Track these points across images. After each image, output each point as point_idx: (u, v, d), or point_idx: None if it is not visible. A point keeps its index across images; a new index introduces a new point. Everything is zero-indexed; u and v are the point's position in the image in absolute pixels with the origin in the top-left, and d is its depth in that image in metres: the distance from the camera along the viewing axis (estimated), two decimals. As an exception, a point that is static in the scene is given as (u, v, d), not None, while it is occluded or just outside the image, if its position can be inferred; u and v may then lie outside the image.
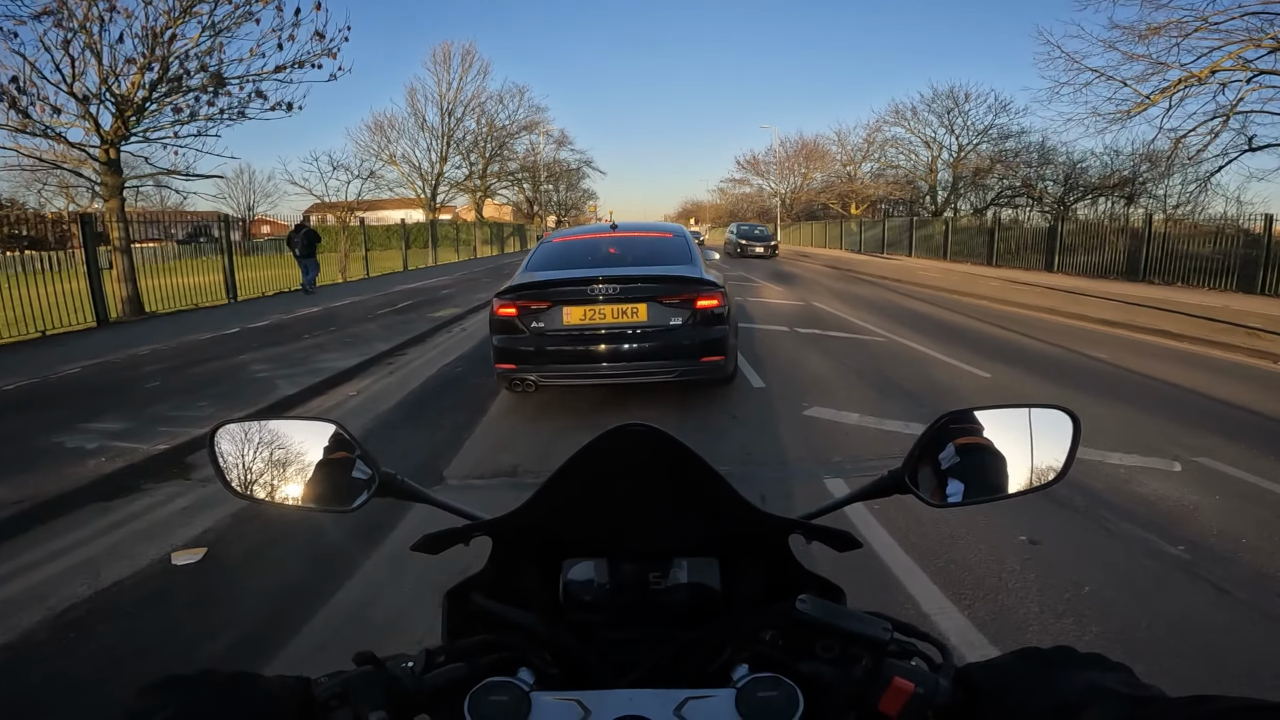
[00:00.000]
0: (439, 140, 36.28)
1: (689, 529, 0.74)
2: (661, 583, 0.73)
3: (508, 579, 0.75)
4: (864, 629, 0.57)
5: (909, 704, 0.53)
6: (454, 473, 4.01)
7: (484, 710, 0.55)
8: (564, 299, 4.75)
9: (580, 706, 0.57)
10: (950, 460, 0.71)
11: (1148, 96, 17.27)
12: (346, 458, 0.74)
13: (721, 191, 61.84)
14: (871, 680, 0.55)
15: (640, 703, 0.57)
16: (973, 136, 32.71)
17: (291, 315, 10.88)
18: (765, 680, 0.56)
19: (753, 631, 0.64)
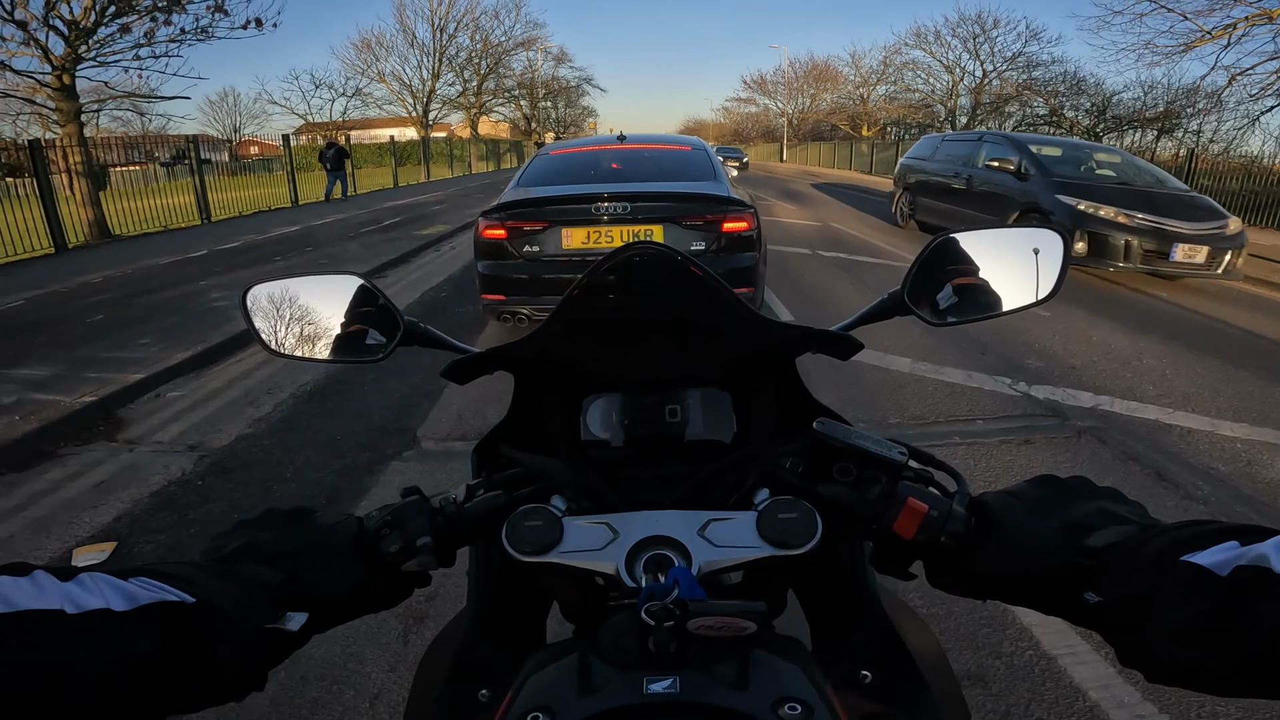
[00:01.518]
0: (431, 57, 34.28)
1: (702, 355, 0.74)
2: (678, 414, 0.74)
3: (530, 425, 0.76)
4: (881, 450, 0.56)
5: (923, 525, 0.53)
6: (430, 432, 3.33)
7: (520, 534, 0.57)
8: (563, 219, 3.93)
9: (609, 529, 0.58)
10: (946, 280, 0.72)
11: (1209, 32, 16.53)
12: (370, 310, 0.75)
13: (726, 111, 59.92)
14: (887, 502, 0.55)
15: (665, 523, 0.58)
16: (999, 63, 31.81)
17: (265, 236, 10.00)
18: (785, 502, 0.57)
19: (773, 458, 0.63)
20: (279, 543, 0.52)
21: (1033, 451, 3.04)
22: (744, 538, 0.56)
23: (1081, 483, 0.54)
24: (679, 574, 0.51)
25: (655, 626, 0.46)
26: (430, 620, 2.00)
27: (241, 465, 3.08)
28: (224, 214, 12.76)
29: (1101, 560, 0.45)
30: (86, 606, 0.37)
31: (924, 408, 3.50)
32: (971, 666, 1.81)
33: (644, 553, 0.57)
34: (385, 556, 0.56)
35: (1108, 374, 4.06)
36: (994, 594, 0.53)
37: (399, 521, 0.57)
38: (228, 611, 0.44)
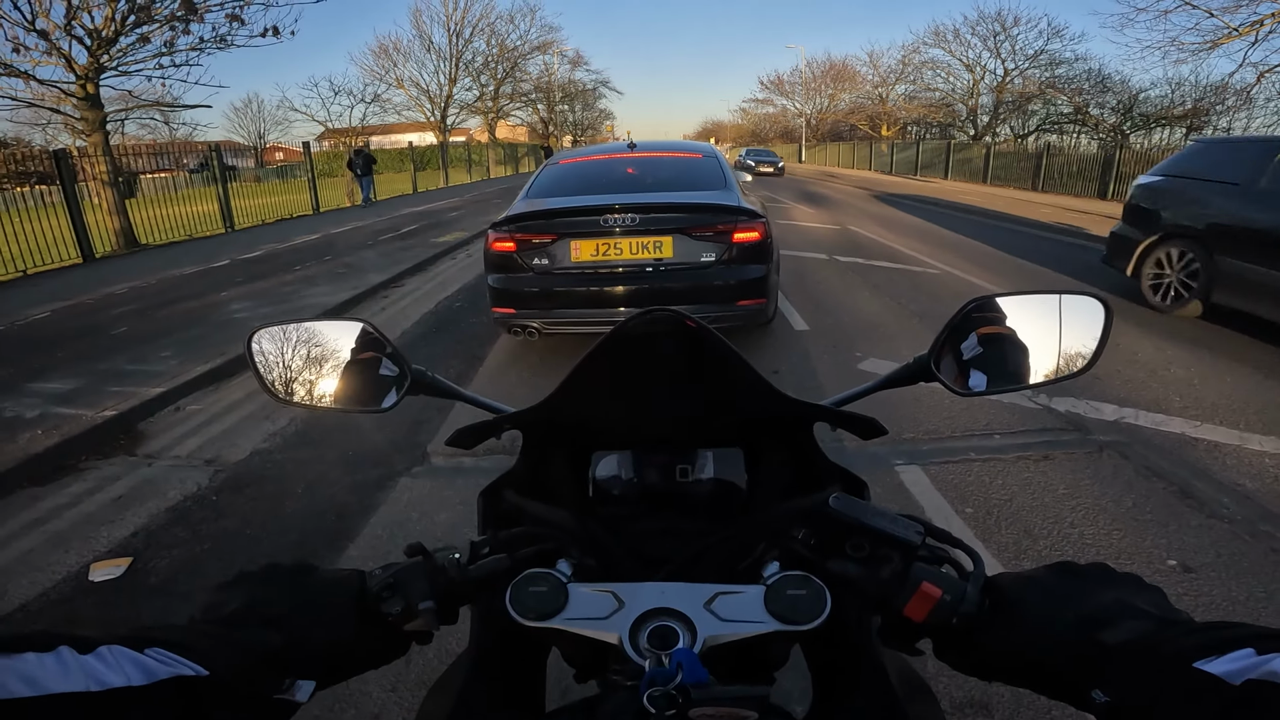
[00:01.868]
0: (447, 62, 34.60)
1: (714, 419, 0.72)
2: (689, 474, 0.74)
3: (538, 476, 0.75)
4: (896, 531, 0.55)
5: (934, 610, 0.52)
6: (440, 448, 3.33)
7: (524, 600, 0.57)
8: (572, 231, 3.91)
9: (615, 598, 0.57)
10: (974, 349, 0.69)
11: (1235, 29, 16.21)
12: (376, 357, 0.74)
13: (744, 111, 59.74)
14: (899, 583, 0.54)
15: (672, 595, 0.57)
16: (1020, 61, 31.47)
17: (286, 244, 10.14)
18: (795, 578, 0.56)
19: (783, 528, 0.62)
20: (281, 602, 0.53)
21: (1051, 468, 2.97)
22: (751, 612, 0.56)
23: (1101, 570, 0.53)
24: (682, 656, 0.51)
25: (655, 715, 0.45)
26: (435, 642, 1.98)
27: (256, 480, 3.11)
28: (247, 221, 12.98)
29: (1113, 657, 0.45)
30: (108, 684, 0.38)
31: (939, 421, 3.43)
32: (975, 693, 1.76)
33: (648, 623, 0.56)
34: (386, 618, 0.56)
35: (1133, 384, 3.96)
36: (1000, 676, 0.52)
37: (401, 584, 0.57)
38: (238, 685, 0.45)
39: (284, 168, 19.89)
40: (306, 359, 0.76)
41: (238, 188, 13.75)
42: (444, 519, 2.72)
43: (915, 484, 2.84)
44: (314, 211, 15.28)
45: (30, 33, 9.50)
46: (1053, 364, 0.70)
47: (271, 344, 0.75)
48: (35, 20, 9.47)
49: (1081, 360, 0.70)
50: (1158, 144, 22.84)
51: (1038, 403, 3.63)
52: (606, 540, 0.68)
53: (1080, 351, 0.70)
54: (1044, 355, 0.70)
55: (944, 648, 0.56)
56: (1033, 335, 0.70)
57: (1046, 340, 0.70)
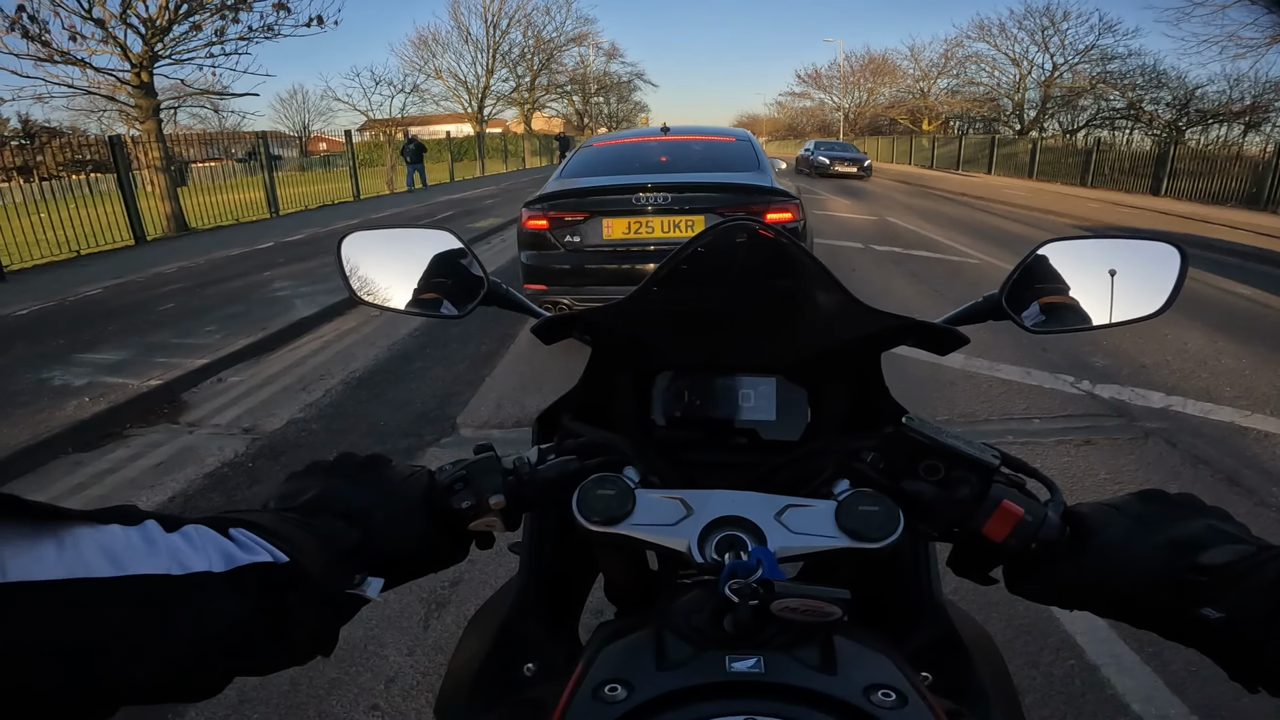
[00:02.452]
0: (484, 53, 34.93)
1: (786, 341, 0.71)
2: (750, 398, 0.72)
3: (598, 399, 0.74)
4: (973, 452, 0.54)
5: (1015, 529, 0.51)
6: (469, 419, 3.37)
7: (591, 503, 0.55)
8: (605, 209, 3.91)
9: (683, 505, 0.56)
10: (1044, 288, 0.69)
11: None
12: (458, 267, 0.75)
13: (780, 105, 58.94)
14: (977, 503, 0.53)
15: (743, 504, 0.56)
16: (1070, 56, 30.52)
17: (327, 229, 10.35)
18: (867, 495, 0.55)
19: (854, 450, 0.61)
20: (355, 496, 0.52)
21: (1093, 453, 2.87)
22: (822, 526, 0.54)
23: (1189, 499, 0.51)
24: (762, 554, 0.49)
25: (739, 604, 0.44)
26: (452, 606, 2.01)
27: (291, 448, 3.18)
28: (291, 208, 13.29)
29: (1215, 578, 0.43)
30: (191, 568, 0.38)
31: (975, 405, 3.35)
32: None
33: (717, 532, 0.55)
34: (456, 514, 0.56)
35: (1182, 374, 3.81)
36: (1086, 605, 0.51)
37: (472, 477, 0.56)
38: (315, 574, 0.44)
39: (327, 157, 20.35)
40: (390, 264, 0.77)
41: (282, 176, 14.10)
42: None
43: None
44: (355, 199, 15.59)
45: (87, 21, 9.87)
46: (1122, 306, 0.69)
47: (360, 247, 0.78)
48: (92, 9, 9.82)
49: (1154, 304, 0.68)
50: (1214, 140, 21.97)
51: (1080, 389, 3.52)
52: (664, 464, 0.67)
53: (1151, 296, 0.68)
54: (1114, 297, 0.69)
55: (1019, 577, 0.54)
56: (1103, 278, 0.69)
57: (1117, 283, 0.69)
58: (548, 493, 0.59)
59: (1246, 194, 14.22)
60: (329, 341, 4.83)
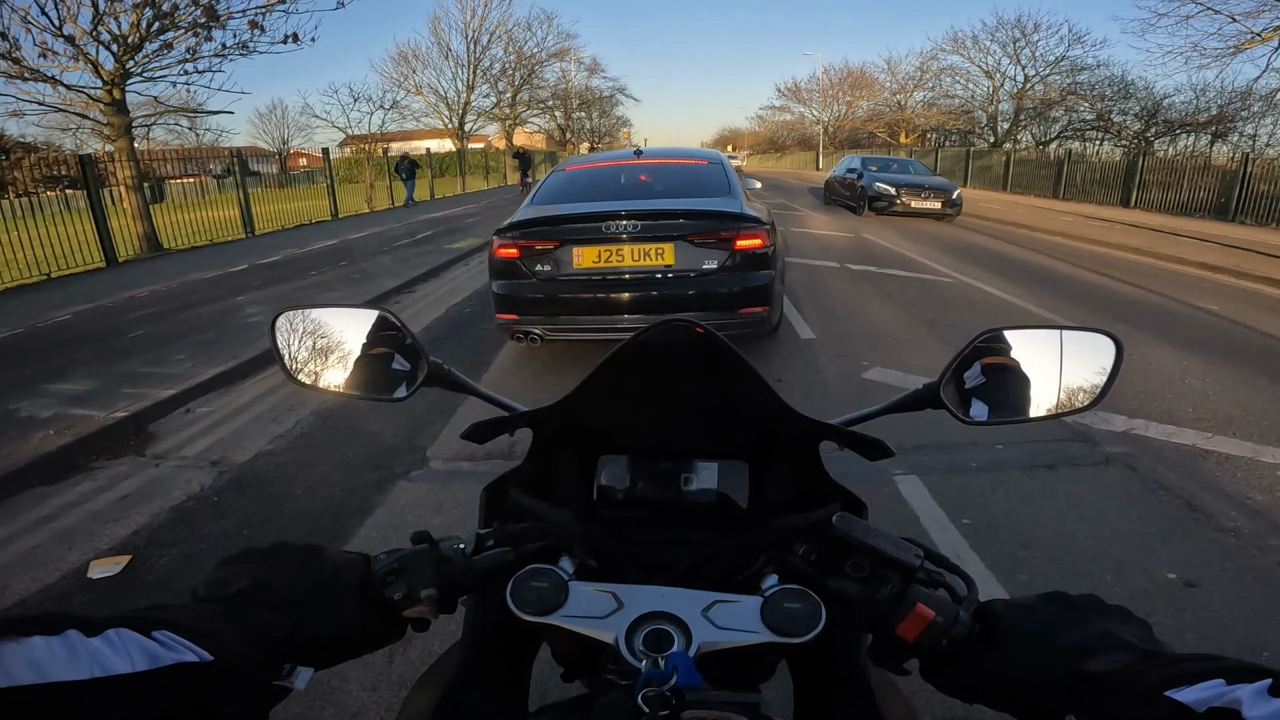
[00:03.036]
0: (465, 69, 34.92)
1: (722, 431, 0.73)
2: (692, 483, 0.74)
3: (543, 476, 0.76)
4: (896, 553, 0.56)
5: (927, 630, 0.53)
6: (439, 452, 3.35)
7: (525, 594, 0.57)
8: (575, 238, 3.92)
9: (614, 598, 0.58)
10: (980, 379, 0.71)
11: (1258, 34, 15.88)
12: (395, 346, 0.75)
13: (761, 119, 59.39)
14: (895, 603, 0.55)
15: (671, 600, 0.58)
16: (1041, 68, 30.99)
17: (304, 249, 10.29)
18: (792, 591, 0.57)
19: (785, 543, 0.63)
20: (287, 585, 0.53)
21: (1055, 479, 2.92)
22: (747, 622, 0.57)
23: (1092, 601, 0.54)
24: (678, 660, 0.51)
25: (649, 714, 0.46)
26: (416, 641, 2.00)
27: (258, 481, 3.15)
28: (267, 227, 13.17)
29: (1092, 686, 0.46)
30: (112, 670, 0.39)
31: (944, 432, 3.38)
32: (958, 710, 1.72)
33: (645, 626, 0.57)
34: (388, 603, 0.57)
35: (1145, 395, 3.88)
36: (983, 700, 0.54)
37: (406, 570, 0.57)
38: (241, 669, 0.45)
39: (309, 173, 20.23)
40: (327, 344, 0.76)
41: (261, 193, 13.98)
42: (439, 523, 2.73)
43: (913, 494, 2.80)
44: (333, 217, 15.49)
45: (58, 38, 9.77)
46: (1058, 398, 0.70)
47: (294, 327, 0.76)
48: (63, 26, 9.73)
49: (1088, 395, 0.70)
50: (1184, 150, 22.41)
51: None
52: (608, 544, 0.69)
53: (1086, 387, 0.70)
54: (1050, 388, 0.71)
55: (931, 669, 0.57)
56: (1040, 368, 0.71)
57: (1053, 374, 0.70)
58: (482, 582, 0.61)
59: (1215, 205, 14.56)
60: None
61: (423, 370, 0.75)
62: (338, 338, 0.76)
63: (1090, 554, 2.37)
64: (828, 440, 0.73)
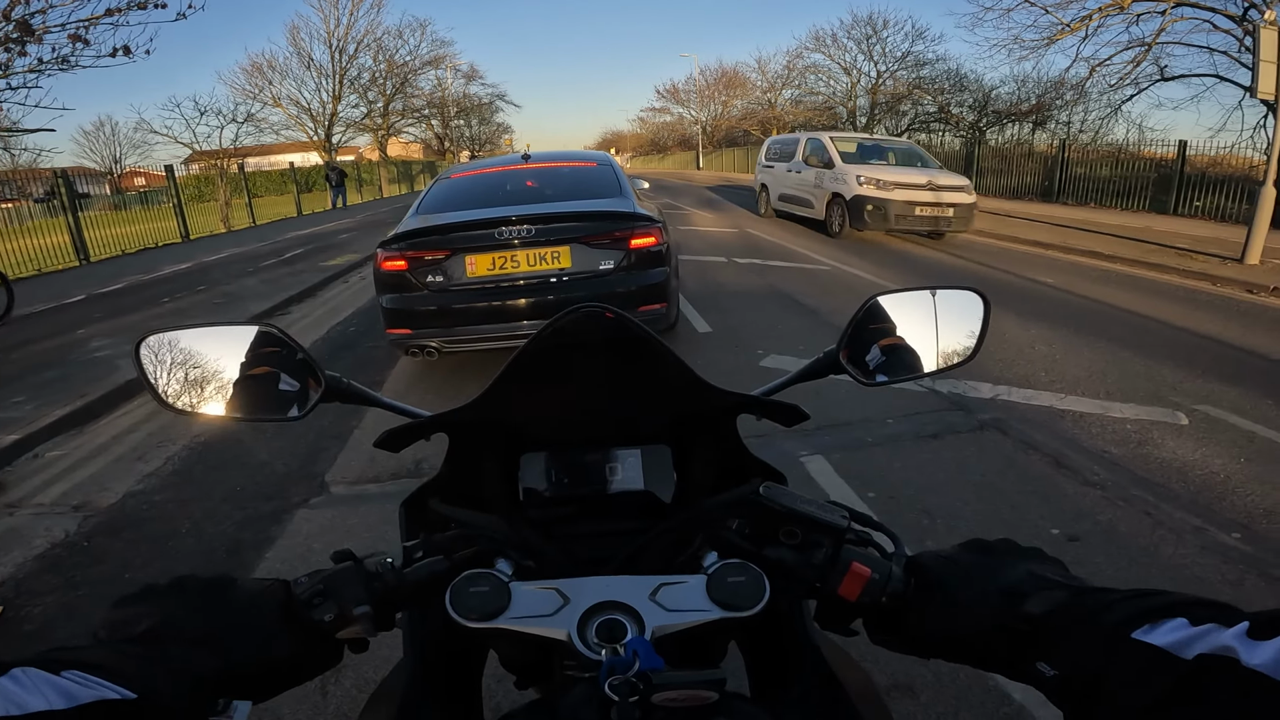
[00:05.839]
0: (330, 79, 33.05)
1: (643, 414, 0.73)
2: (617, 471, 0.74)
3: (464, 482, 0.74)
4: (825, 516, 0.58)
5: (866, 588, 0.55)
6: (340, 476, 3.15)
7: (465, 601, 0.55)
8: (467, 245, 3.81)
9: (559, 594, 0.57)
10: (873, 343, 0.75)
11: (1068, 24, 17.34)
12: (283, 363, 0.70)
13: (642, 121, 60.15)
14: (831, 566, 0.57)
15: (617, 589, 0.58)
16: (890, 63, 32.94)
17: (152, 275, 9.36)
18: (734, 566, 0.58)
19: (718, 520, 0.64)
20: (202, 620, 0.49)
21: (942, 447, 3.16)
22: (695, 601, 0.57)
23: (1008, 545, 0.56)
24: (638, 645, 0.51)
25: (619, 702, 0.45)
26: (349, 670, 1.88)
27: (132, 523, 2.88)
28: (105, 252, 11.93)
29: (1040, 627, 0.47)
30: (28, 708, 0.35)
31: (840, 411, 3.58)
32: (900, 677, 1.83)
33: (596, 617, 0.56)
34: (319, 625, 0.53)
35: (1004, 363, 4.28)
36: (938, 654, 0.55)
37: (333, 590, 0.54)
38: (171, 707, 0.42)
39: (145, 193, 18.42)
40: (206, 367, 0.69)
41: (92, 216, 12.51)
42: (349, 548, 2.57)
43: (821, 473, 2.94)
44: (183, 238, 14.21)
45: None
46: (942, 354, 0.76)
47: (163, 351, 0.69)
48: None
49: (966, 348, 0.77)
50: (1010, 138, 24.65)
51: (924, 386, 3.87)
52: (540, 543, 0.67)
53: (964, 340, 0.77)
54: (932, 345, 0.76)
55: (877, 629, 0.58)
56: (922, 327, 0.76)
57: (933, 331, 0.76)
58: (418, 595, 0.58)
59: (1040, 187, 16.21)
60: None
61: (317, 386, 0.70)
62: (216, 358, 0.69)
63: (983, 516, 2.58)
64: (745, 413, 0.75)
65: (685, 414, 0.75)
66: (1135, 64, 17.47)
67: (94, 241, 11.69)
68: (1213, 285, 6.79)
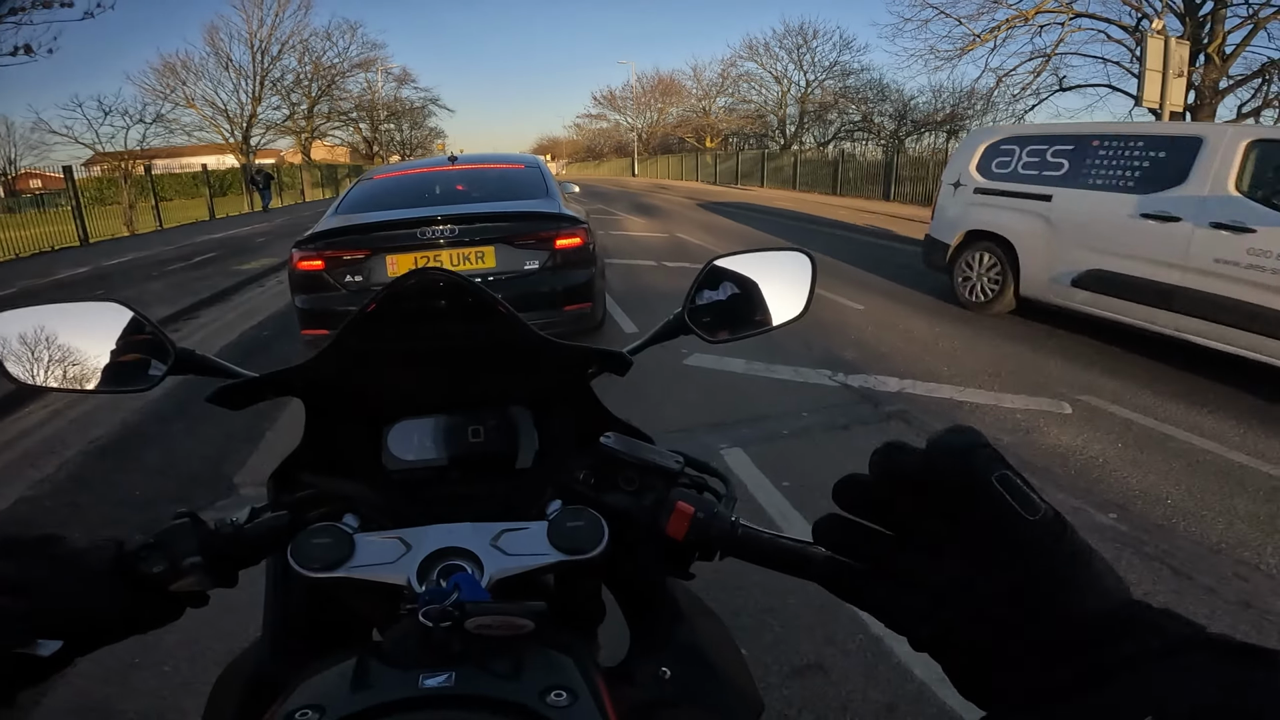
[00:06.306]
0: (250, 80, 31.65)
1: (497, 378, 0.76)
2: (480, 434, 0.76)
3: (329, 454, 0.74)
4: (659, 460, 0.61)
5: (691, 527, 0.57)
6: (250, 478, 3.06)
7: (306, 550, 0.56)
8: (389, 245, 3.76)
9: (401, 543, 0.59)
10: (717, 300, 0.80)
11: (978, 35, 18.02)
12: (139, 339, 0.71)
13: (578, 127, 60.11)
14: (659, 507, 0.59)
15: (458, 535, 0.60)
16: (819, 73, 33.78)
17: (47, 279, 8.77)
18: (573, 511, 0.60)
19: (567, 472, 0.66)
20: (21, 573, 0.48)
21: (851, 439, 3.33)
22: (535, 546, 0.59)
23: None
24: (461, 579, 0.53)
25: (434, 627, 0.47)
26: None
27: (21, 528, 2.69)
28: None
29: None
30: None
31: (758, 406, 3.72)
32: (810, 657, 1.92)
33: (437, 564, 0.58)
34: (148, 579, 0.53)
35: (910, 358, 4.54)
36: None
37: (163, 543, 0.54)
38: None
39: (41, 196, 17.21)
40: (59, 343, 0.70)
41: (-16, 218, 11.68)
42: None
43: (739, 465, 3.05)
44: (81, 242, 13.34)
45: None
46: (781, 310, 0.82)
47: (14, 328, 0.69)
48: None
49: (799, 303, 0.82)
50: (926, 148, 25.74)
51: (837, 380, 4.06)
52: (401, 504, 0.69)
53: (796, 297, 0.83)
54: (771, 303, 0.82)
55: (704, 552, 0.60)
56: (759, 288, 0.82)
57: (772, 290, 0.82)
58: (259, 549, 0.60)
59: (951, 195, 17.13)
60: (60, 410, 4.08)
61: (170, 356, 0.71)
62: (71, 336, 0.70)
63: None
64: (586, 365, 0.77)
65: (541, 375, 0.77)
66: (1036, 74, 18.22)
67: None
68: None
